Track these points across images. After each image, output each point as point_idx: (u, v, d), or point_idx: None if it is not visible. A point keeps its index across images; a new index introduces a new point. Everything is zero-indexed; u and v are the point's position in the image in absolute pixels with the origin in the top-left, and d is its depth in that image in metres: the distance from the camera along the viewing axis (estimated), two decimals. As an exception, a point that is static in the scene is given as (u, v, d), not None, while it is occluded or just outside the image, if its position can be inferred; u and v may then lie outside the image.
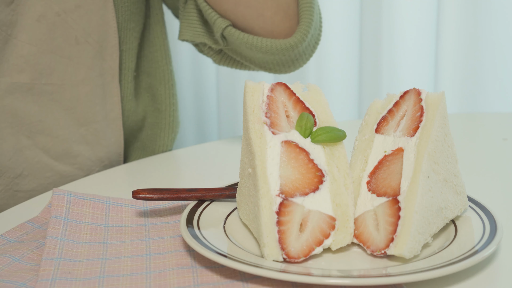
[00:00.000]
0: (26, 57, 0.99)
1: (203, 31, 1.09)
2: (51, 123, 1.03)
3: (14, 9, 0.97)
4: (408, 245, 0.67)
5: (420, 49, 1.84)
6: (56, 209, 0.80)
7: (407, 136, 0.74)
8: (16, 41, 0.98)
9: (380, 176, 0.73)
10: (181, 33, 1.12)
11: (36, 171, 1.03)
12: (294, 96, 0.76)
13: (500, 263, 0.69)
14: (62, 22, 1.00)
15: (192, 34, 1.09)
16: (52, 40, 1.00)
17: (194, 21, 1.09)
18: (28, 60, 0.99)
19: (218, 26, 1.05)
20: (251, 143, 0.73)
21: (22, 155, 1.01)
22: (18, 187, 1.02)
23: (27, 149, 1.01)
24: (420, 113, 0.75)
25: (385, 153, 0.75)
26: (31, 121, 1.01)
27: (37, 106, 1.01)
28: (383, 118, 0.77)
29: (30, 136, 1.01)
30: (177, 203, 0.85)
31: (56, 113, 1.03)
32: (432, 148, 0.71)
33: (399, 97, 0.78)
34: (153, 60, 1.19)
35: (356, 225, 0.72)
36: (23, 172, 1.02)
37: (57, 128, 1.03)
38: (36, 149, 1.02)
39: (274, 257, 0.67)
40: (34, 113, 1.01)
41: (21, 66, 0.99)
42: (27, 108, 1.00)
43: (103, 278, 0.69)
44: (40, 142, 1.02)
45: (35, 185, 1.03)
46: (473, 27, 1.77)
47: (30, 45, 0.98)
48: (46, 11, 0.99)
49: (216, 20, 1.04)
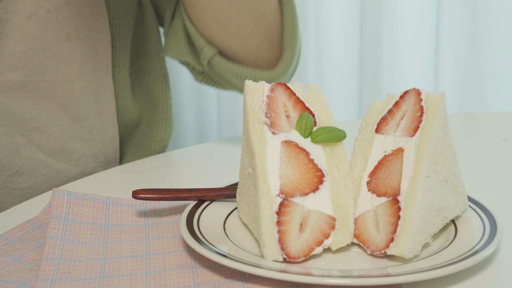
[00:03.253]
0: (18, 55, 0.99)
1: (188, 51, 1.12)
2: (45, 120, 1.03)
3: (4, 7, 0.97)
4: (408, 245, 0.67)
5: (420, 49, 1.84)
6: (56, 209, 0.80)
7: (407, 136, 0.74)
8: (7, 39, 0.98)
9: (380, 176, 0.73)
10: (165, 48, 1.14)
11: (32, 169, 1.02)
12: (294, 96, 0.76)
13: (500, 263, 0.69)
14: (53, 19, 1.00)
15: (178, 52, 1.13)
16: (43, 37, 1.00)
17: (180, 40, 1.12)
18: (20, 58, 0.99)
19: (206, 54, 1.09)
20: (251, 143, 0.73)
21: (17, 153, 1.01)
22: (14, 185, 1.02)
23: (22, 147, 1.01)
24: (420, 113, 0.75)
25: (385, 153, 0.75)
26: (25, 119, 1.01)
27: (31, 103, 1.01)
28: (383, 118, 0.77)
29: (24, 134, 1.01)
30: (177, 203, 0.85)
31: (50, 110, 1.03)
32: (432, 148, 0.71)
33: (399, 97, 0.77)
34: (148, 57, 1.19)
35: (356, 225, 0.71)
36: (19, 170, 1.02)
37: (51, 125, 1.03)
38: (32, 147, 1.02)
39: (274, 257, 0.67)
40: (28, 110, 1.01)
41: (13, 64, 0.98)
42: (20, 106, 1.00)
43: (103, 278, 0.69)
44: (35, 140, 1.02)
45: (32, 182, 1.03)
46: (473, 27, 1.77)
47: (22, 43, 0.98)
48: (36, 9, 0.99)
49: (204, 47, 1.09)
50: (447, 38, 1.78)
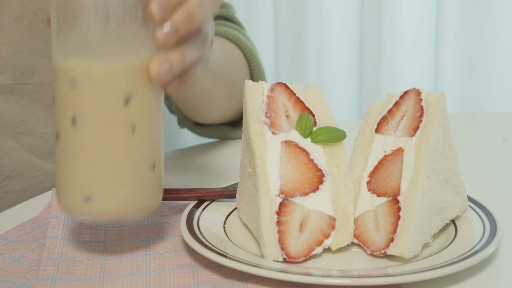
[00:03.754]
0: (5, 58, 0.98)
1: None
2: (35, 123, 1.02)
3: None
4: (408, 245, 0.67)
5: (420, 49, 1.84)
6: (56, 209, 0.80)
7: (407, 136, 0.74)
8: None
9: (380, 176, 0.73)
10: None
11: (24, 172, 1.02)
12: (294, 96, 0.76)
13: (500, 263, 0.69)
14: (40, 21, 0.99)
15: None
16: (31, 39, 0.99)
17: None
18: (8, 61, 0.98)
19: (183, 123, 1.17)
20: (251, 143, 0.73)
21: (9, 157, 1.01)
22: (7, 189, 1.01)
23: (13, 150, 1.01)
24: (420, 113, 0.75)
25: (385, 153, 0.75)
26: (15, 122, 1.00)
27: (20, 106, 1.00)
28: (383, 118, 0.77)
29: (15, 137, 1.01)
30: (177, 203, 0.85)
31: (39, 112, 1.02)
32: (432, 148, 0.71)
33: (399, 97, 0.77)
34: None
35: (356, 225, 0.71)
36: (11, 173, 1.01)
37: (41, 127, 1.03)
38: (22, 150, 1.02)
39: (274, 257, 0.67)
40: (17, 113, 1.00)
41: (1, 67, 0.98)
42: (9, 109, 1.00)
43: (103, 278, 0.69)
44: (25, 143, 1.02)
45: (24, 185, 1.03)
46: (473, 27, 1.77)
47: (10, 46, 0.98)
48: (23, 11, 0.98)
49: (182, 119, 1.16)
50: (447, 38, 1.78)
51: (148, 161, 0.68)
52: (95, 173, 0.67)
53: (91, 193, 0.67)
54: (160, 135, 0.70)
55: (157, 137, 0.70)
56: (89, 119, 0.66)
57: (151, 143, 0.69)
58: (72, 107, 0.66)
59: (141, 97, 0.67)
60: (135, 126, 0.67)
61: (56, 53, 0.67)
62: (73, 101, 0.66)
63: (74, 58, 0.66)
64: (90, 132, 0.66)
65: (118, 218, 0.69)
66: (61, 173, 0.69)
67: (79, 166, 0.67)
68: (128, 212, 0.68)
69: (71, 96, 0.66)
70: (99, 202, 0.67)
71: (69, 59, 0.66)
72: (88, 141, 0.66)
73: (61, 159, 0.68)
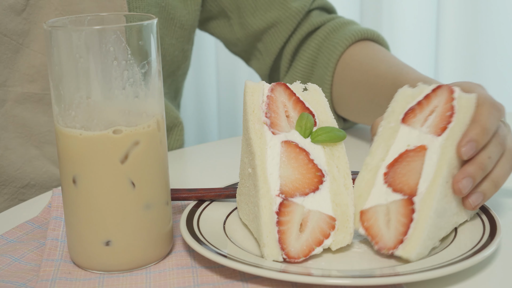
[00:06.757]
0: (38, 67, 0.97)
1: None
2: None
3: (27, 18, 0.96)
4: (417, 250, 0.66)
5: (420, 48, 1.84)
6: (56, 210, 0.80)
7: (433, 135, 0.71)
8: (28, 51, 0.97)
9: (398, 171, 0.71)
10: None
11: (43, 181, 1.02)
12: (294, 96, 0.76)
13: (500, 263, 0.69)
14: None
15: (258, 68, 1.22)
16: None
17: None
18: (40, 70, 0.98)
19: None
20: (251, 143, 0.73)
21: (30, 165, 1.00)
22: (24, 197, 1.01)
23: (35, 159, 1.01)
24: (451, 113, 0.72)
25: (407, 147, 0.72)
26: (40, 131, 1.00)
27: (47, 116, 1.00)
28: (411, 109, 0.74)
29: (38, 146, 1.01)
30: (177, 203, 0.85)
31: None
32: (455, 153, 0.70)
33: (431, 89, 0.74)
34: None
35: (367, 217, 0.70)
36: (30, 182, 1.01)
37: None
38: (44, 159, 1.01)
39: (274, 257, 0.67)
40: (44, 123, 1.00)
41: (33, 76, 0.97)
42: (36, 118, 0.99)
43: (103, 278, 0.69)
44: (48, 152, 1.02)
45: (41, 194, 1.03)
46: (473, 26, 1.77)
47: (43, 55, 0.97)
48: None
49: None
50: (447, 38, 1.78)
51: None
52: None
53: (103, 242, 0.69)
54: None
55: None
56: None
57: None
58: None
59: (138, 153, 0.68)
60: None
61: (58, 120, 0.69)
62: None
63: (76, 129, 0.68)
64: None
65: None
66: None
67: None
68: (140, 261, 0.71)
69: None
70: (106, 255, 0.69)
71: (70, 129, 0.68)
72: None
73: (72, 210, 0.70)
